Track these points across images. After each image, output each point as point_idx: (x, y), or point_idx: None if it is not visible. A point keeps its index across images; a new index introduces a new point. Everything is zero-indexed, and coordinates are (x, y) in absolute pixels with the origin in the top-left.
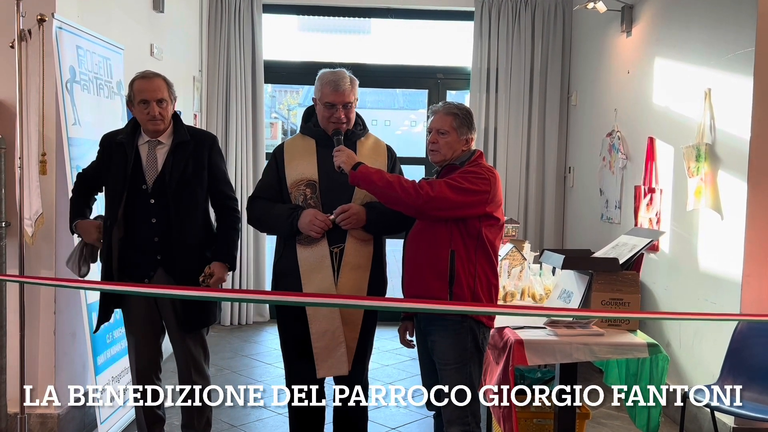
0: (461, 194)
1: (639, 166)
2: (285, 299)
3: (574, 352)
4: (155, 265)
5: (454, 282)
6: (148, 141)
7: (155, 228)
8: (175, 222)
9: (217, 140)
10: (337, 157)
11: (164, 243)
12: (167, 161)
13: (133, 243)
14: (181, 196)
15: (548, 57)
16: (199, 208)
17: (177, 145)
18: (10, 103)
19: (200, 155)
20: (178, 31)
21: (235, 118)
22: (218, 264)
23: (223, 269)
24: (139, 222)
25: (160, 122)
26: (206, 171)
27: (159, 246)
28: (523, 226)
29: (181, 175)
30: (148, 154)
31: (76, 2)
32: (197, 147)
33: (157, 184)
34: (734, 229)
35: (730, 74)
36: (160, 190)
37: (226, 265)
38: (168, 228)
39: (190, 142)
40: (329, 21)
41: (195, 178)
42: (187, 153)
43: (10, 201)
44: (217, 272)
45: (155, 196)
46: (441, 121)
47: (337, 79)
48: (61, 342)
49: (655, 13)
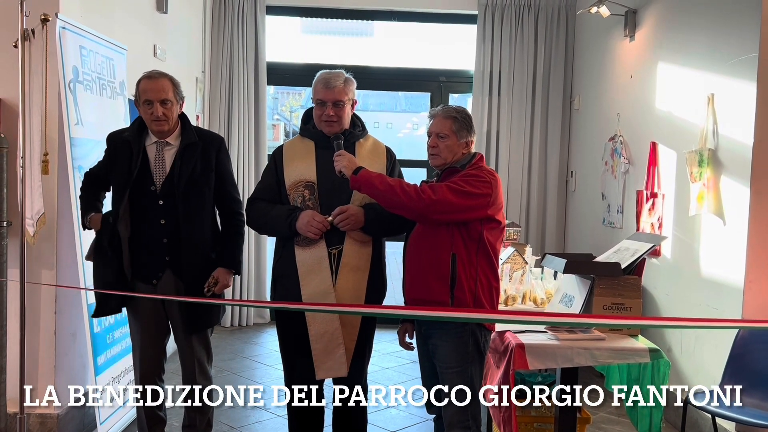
0: (463, 198)
1: (641, 170)
2: (285, 306)
3: (575, 356)
4: (163, 267)
5: (456, 285)
6: (156, 142)
7: (164, 229)
8: (183, 224)
9: (224, 142)
10: (338, 162)
11: (172, 244)
12: (176, 163)
13: (141, 243)
14: (190, 198)
15: (551, 61)
16: (206, 210)
17: (186, 147)
18: (13, 103)
19: (208, 157)
20: (182, 32)
21: (237, 120)
22: (222, 270)
23: (228, 275)
24: (148, 223)
25: (163, 123)
26: (214, 173)
27: (167, 247)
28: (524, 230)
29: (190, 176)
30: (156, 155)
31: (80, 2)
32: (205, 148)
33: (165, 185)
34: (737, 234)
35: (733, 79)
36: (169, 192)
37: (231, 271)
38: (176, 229)
39: (199, 144)
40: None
41: (203, 179)
42: (195, 155)
43: (11, 200)
44: (222, 279)
45: (164, 197)
46: (440, 124)
47: (330, 78)
48: (61, 342)
49: (658, 18)
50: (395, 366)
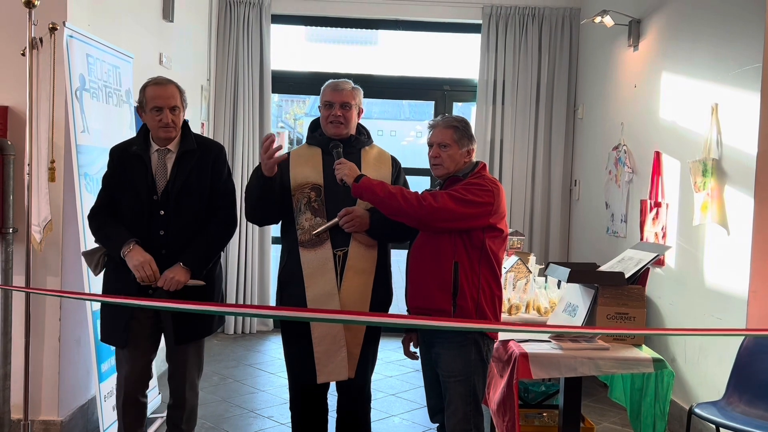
0: (464, 206)
1: (645, 180)
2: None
3: (578, 366)
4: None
5: (458, 293)
6: (158, 150)
7: (162, 240)
8: (179, 233)
9: (224, 150)
10: (339, 170)
11: (169, 256)
12: (173, 170)
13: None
14: (184, 206)
15: (555, 70)
16: (200, 218)
17: (183, 153)
18: (21, 110)
19: (205, 164)
20: (187, 40)
21: (242, 127)
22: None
23: (180, 272)
24: (149, 233)
25: (172, 130)
26: (209, 181)
27: (165, 259)
28: (528, 239)
29: (184, 183)
30: (158, 163)
31: (88, 11)
32: (203, 156)
33: (165, 194)
34: (741, 244)
35: (737, 90)
36: (168, 200)
37: (187, 269)
38: (174, 240)
39: (197, 151)
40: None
41: (199, 187)
42: (192, 162)
43: (18, 207)
44: (172, 273)
45: (164, 206)
46: (441, 134)
47: (339, 82)
48: (65, 349)
49: (662, 28)
50: (398, 375)
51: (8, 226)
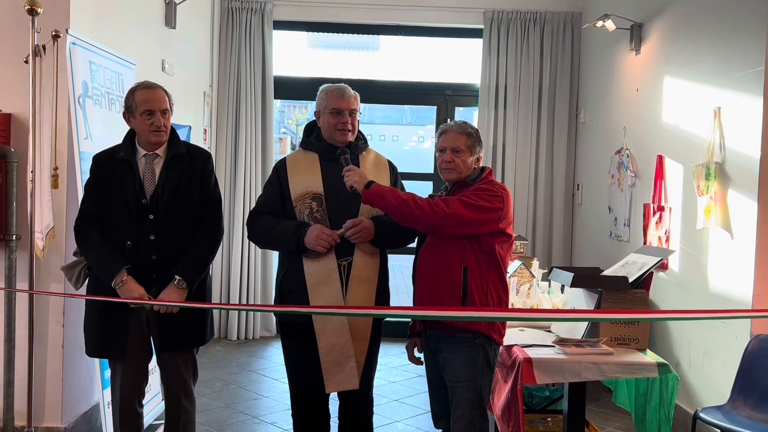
0: (476, 211)
1: (648, 184)
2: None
3: (583, 371)
4: (150, 284)
5: (467, 298)
6: (145, 155)
7: (153, 245)
8: (170, 239)
9: (211, 158)
10: (349, 177)
11: (160, 261)
12: (162, 174)
13: (131, 260)
14: (172, 211)
15: (557, 74)
16: (189, 225)
17: (172, 158)
18: (24, 117)
19: (193, 171)
20: (190, 46)
21: (244, 133)
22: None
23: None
24: (139, 239)
25: (163, 133)
26: (198, 187)
27: (155, 264)
28: (531, 243)
29: (174, 188)
30: (145, 168)
31: (90, 18)
32: (191, 162)
33: (154, 199)
34: (744, 248)
35: (739, 93)
36: (158, 205)
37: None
38: (164, 245)
39: (186, 156)
40: (339, 37)
41: (188, 191)
42: (181, 167)
43: (21, 214)
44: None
45: (153, 211)
46: (456, 139)
47: (342, 88)
48: (69, 355)
49: (664, 32)
50: (401, 380)
51: (11, 233)
